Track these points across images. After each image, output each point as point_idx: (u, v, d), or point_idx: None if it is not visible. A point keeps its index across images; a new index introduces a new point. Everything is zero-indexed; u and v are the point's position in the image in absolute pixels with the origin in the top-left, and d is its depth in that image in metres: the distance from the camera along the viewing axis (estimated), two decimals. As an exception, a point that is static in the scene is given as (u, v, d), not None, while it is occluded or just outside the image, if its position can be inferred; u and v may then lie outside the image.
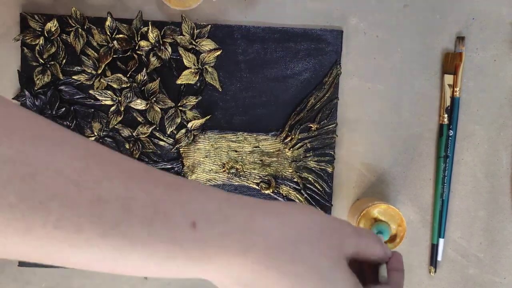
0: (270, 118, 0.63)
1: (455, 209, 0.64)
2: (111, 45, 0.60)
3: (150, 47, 0.61)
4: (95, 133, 0.61)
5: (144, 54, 0.61)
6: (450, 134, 0.63)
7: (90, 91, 0.60)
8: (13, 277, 0.63)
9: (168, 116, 0.61)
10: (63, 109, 0.61)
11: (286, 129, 0.63)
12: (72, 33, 0.60)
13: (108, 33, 0.60)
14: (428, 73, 0.63)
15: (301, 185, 0.63)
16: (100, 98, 0.60)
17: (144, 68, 0.60)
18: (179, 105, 0.62)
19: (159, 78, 0.61)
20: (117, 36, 0.60)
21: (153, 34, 0.60)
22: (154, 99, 0.61)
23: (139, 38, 0.60)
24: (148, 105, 0.61)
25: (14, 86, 0.61)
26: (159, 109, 0.61)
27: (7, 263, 0.63)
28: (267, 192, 0.63)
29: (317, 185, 0.63)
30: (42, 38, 0.60)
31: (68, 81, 0.61)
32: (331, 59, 0.62)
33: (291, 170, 0.63)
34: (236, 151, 0.63)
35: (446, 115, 0.63)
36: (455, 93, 0.63)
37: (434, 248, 0.64)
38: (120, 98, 0.60)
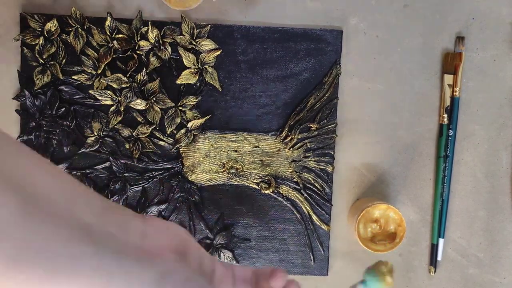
0: (270, 118, 0.63)
1: (455, 209, 0.64)
2: (111, 45, 0.60)
3: (150, 47, 0.61)
4: (95, 133, 0.61)
5: (144, 54, 0.61)
6: (450, 134, 0.63)
7: (90, 91, 0.60)
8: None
9: (168, 116, 0.61)
10: (63, 109, 0.61)
11: (286, 129, 0.63)
12: (72, 33, 0.60)
13: (108, 33, 0.60)
14: (428, 73, 0.63)
15: (301, 185, 0.63)
16: (100, 98, 0.60)
17: (144, 68, 0.60)
18: (179, 105, 0.61)
19: (159, 78, 0.61)
20: (117, 36, 0.60)
21: (153, 34, 0.60)
22: (154, 99, 0.61)
23: (139, 38, 0.60)
24: (148, 105, 0.61)
25: (14, 86, 0.61)
26: (159, 109, 0.61)
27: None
28: (267, 192, 0.63)
29: (317, 185, 0.63)
30: (42, 38, 0.60)
31: (68, 81, 0.61)
32: (331, 59, 0.62)
33: (291, 170, 0.63)
34: (236, 151, 0.63)
35: (446, 115, 0.63)
36: (455, 93, 0.63)
37: (434, 248, 0.64)
38: (120, 98, 0.60)
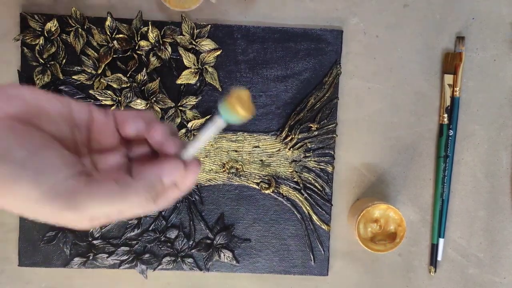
0: (270, 118, 0.63)
1: (455, 209, 0.64)
2: (111, 45, 0.60)
3: (150, 47, 0.61)
4: (95, 133, 0.61)
5: (144, 54, 0.61)
6: (450, 134, 0.63)
7: (90, 91, 0.60)
8: (13, 277, 0.63)
9: (168, 116, 0.61)
10: (63, 109, 0.61)
11: (286, 129, 0.63)
12: (72, 33, 0.60)
13: (108, 33, 0.60)
14: (428, 73, 0.63)
15: (301, 185, 0.63)
16: (100, 98, 0.60)
17: (144, 68, 0.60)
18: (179, 105, 0.62)
19: (159, 78, 0.61)
20: (117, 36, 0.60)
21: (153, 34, 0.60)
22: (154, 99, 0.61)
23: (139, 38, 0.60)
24: (148, 105, 0.61)
25: (14, 86, 0.61)
26: (159, 109, 0.61)
27: (7, 263, 0.63)
28: (267, 192, 0.63)
29: (317, 185, 0.63)
30: (42, 38, 0.60)
31: (68, 81, 0.61)
32: (331, 59, 0.62)
33: (291, 170, 0.63)
34: (236, 151, 0.63)
35: (446, 115, 0.63)
36: (455, 93, 0.63)
37: (434, 248, 0.64)
38: (120, 98, 0.60)
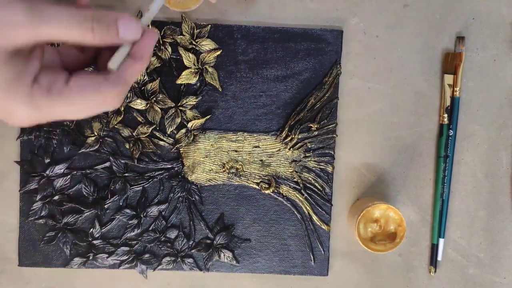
0: (270, 118, 0.63)
1: (455, 209, 0.64)
2: (111, 45, 0.60)
3: (150, 47, 0.61)
4: (95, 133, 0.61)
5: (144, 54, 0.61)
6: (450, 134, 0.63)
7: (90, 91, 0.60)
8: (13, 277, 0.63)
9: (168, 116, 0.61)
10: (63, 109, 0.61)
11: (286, 129, 0.63)
12: (72, 33, 0.60)
13: (108, 33, 0.60)
14: (428, 73, 0.63)
15: (301, 185, 0.63)
16: (100, 98, 0.60)
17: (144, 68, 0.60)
18: (179, 105, 0.62)
19: (159, 78, 0.61)
20: (117, 36, 0.60)
21: (153, 34, 0.60)
22: (154, 99, 0.61)
23: (139, 38, 0.60)
24: (148, 105, 0.61)
25: (14, 86, 0.61)
26: (159, 109, 0.61)
27: (7, 263, 0.63)
28: (267, 192, 0.63)
29: (317, 185, 0.63)
30: (42, 38, 0.60)
31: (68, 81, 0.61)
32: (331, 59, 0.62)
33: (291, 170, 0.63)
34: (236, 151, 0.63)
35: (446, 115, 0.63)
36: (455, 93, 0.63)
37: (434, 248, 0.64)
38: (120, 98, 0.60)
